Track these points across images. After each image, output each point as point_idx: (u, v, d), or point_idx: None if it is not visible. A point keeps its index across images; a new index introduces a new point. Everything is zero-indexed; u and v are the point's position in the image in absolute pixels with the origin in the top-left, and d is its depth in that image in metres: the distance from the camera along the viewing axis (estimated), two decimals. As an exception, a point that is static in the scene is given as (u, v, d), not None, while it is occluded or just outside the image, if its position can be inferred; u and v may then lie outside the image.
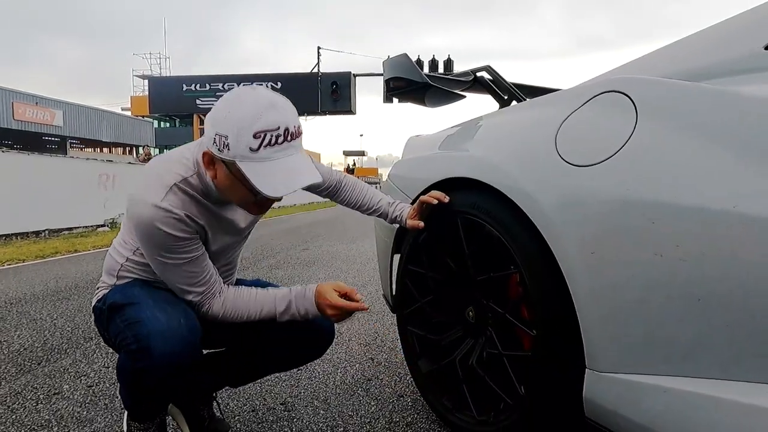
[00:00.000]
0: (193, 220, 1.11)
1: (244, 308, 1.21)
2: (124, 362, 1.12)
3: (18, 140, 23.14)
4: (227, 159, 1.00)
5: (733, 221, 0.76)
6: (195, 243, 1.13)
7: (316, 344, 1.37)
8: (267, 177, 0.99)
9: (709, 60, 1.03)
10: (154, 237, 1.08)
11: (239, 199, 1.11)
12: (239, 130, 0.97)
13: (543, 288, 1.10)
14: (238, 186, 1.05)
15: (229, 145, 0.98)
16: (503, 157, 1.25)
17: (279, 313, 1.21)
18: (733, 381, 0.77)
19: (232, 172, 1.03)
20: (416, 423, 1.55)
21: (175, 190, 1.09)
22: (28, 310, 3.11)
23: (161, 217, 1.06)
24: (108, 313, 1.18)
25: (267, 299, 1.22)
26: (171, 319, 1.09)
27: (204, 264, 1.16)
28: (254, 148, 0.97)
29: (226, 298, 1.20)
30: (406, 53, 1.83)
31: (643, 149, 0.91)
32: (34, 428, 1.55)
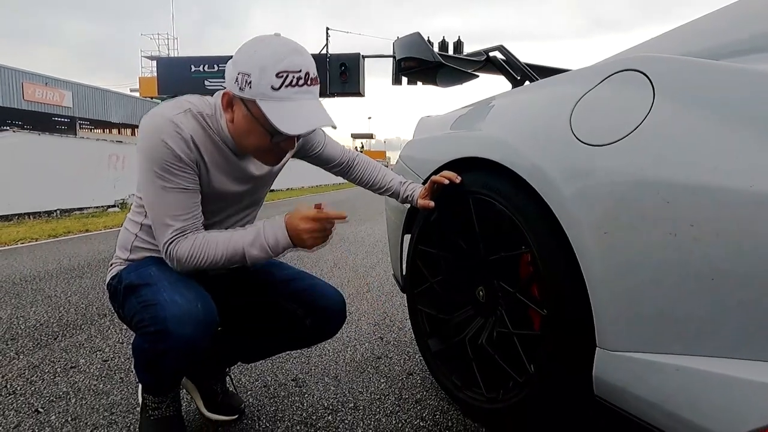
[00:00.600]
0: (197, 147, 1.12)
1: (213, 244, 1.12)
2: (141, 344, 1.13)
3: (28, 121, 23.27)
4: (248, 98, 1.04)
5: (749, 200, 0.75)
6: (190, 174, 1.12)
7: (328, 324, 1.38)
8: (286, 116, 1.03)
9: (727, 38, 1.01)
10: (155, 150, 1.07)
11: (254, 144, 1.12)
12: (262, 68, 1.01)
13: (554, 267, 1.10)
14: (255, 128, 1.08)
15: (251, 83, 1.02)
16: (516, 137, 1.24)
17: (247, 244, 1.13)
18: (745, 360, 0.78)
19: (251, 113, 1.06)
20: (425, 400, 1.57)
21: (190, 115, 1.12)
22: (43, 287, 3.16)
23: (168, 130, 1.07)
24: (124, 293, 1.19)
25: (235, 233, 1.16)
26: (188, 302, 1.09)
27: (193, 201, 1.14)
28: (276, 87, 1.01)
29: (196, 238, 1.13)
30: (418, 32, 1.81)
31: (659, 128, 0.90)
32: (53, 399, 1.59)
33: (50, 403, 1.57)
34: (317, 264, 3.87)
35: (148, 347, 1.11)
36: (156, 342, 1.09)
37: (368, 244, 4.95)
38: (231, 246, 1.13)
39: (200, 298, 1.12)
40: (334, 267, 3.80)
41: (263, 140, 1.10)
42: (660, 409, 0.88)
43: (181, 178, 1.10)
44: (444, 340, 1.53)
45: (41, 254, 4.47)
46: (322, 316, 1.33)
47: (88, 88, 25.85)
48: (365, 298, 2.86)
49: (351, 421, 1.44)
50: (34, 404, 1.56)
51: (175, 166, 1.09)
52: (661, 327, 0.88)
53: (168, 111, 1.10)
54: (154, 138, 1.07)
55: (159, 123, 1.08)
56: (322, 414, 1.49)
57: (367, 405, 1.54)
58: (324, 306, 1.32)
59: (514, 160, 1.19)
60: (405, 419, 1.45)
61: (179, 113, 1.11)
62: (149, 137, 1.08)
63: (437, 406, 1.53)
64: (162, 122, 1.08)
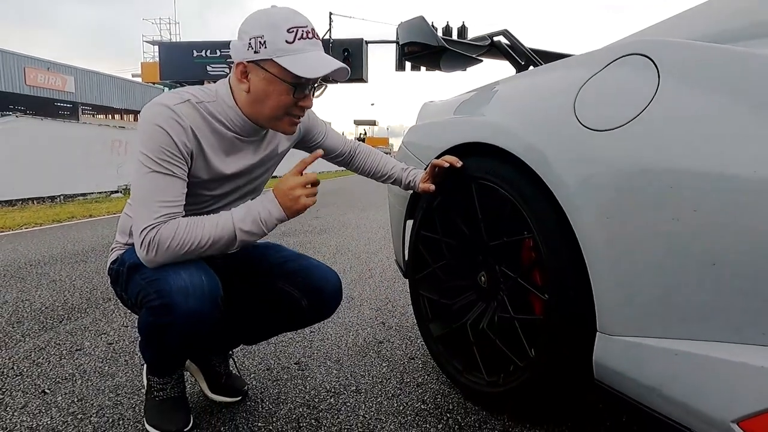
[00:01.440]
0: (195, 137, 1.13)
1: (199, 225, 1.10)
2: (147, 318, 1.14)
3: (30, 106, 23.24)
4: (264, 58, 1.09)
5: (753, 186, 0.75)
6: (182, 164, 1.12)
7: (324, 305, 1.36)
8: (305, 64, 1.09)
9: (733, 22, 1.00)
10: (154, 136, 1.08)
11: (274, 106, 1.14)
12: (274, 27, 1.08)
13: (557, 253, 1.11)
14: (275, 87, 1.12)
15: (266, 43, 1.08)
16: (519, 122, 1.23)
17: (237, 220, 1.11)
18: (745, 344, 0.78)
19: (270, 72, 1.10)
20: (427, 384, 1.59)
21: (190, 105, 1.14)
22: (48, 271, 3.19)
23: (168, 117, 1.09)
24: (127, 273, 1.20)
25: (222, 213, 1.14)
26: (193, 276, 1.10)
27: (181, 191, 1.13)
28: (290, 41, 1.08)
29: (180, 221, 1.10)
30: (422, 16, 1.79)
31: (664, 113, 0.90)
32: (59, 381, 1.61)
33: (56, 384, 1.59)
34: (320, 250, 3.89)
35: (153, 320, 1.13)
36: (162, 315, 1.10)
37: (370, 231, 4.96)
38: (219, 225, 1.11)
39: (204, 272, 1.13)
40: (336, 253, 3.81)
41: (284, 99, 1.13)
42: (659, 393, 0.89)
43: (173, 165, 1.10)
44: (445, 324, 1.54)
45: (45, 239, 4.50)
46: (318, 297, 1.34)
47: (90, 74, 25.77)
48: (367, 284, 2.88)
49: (353, 403, 1.46)
50: (40, 385, 1.58)
51: (170, 153, 1.09)
52: (662, 312, 0.88)
53: (169, 100, 1.12)
54: (153, 125, 1.08)
55: (159, 111, 1.10)
56: (325, 397, 1.50)
57: (369, 388, 1.56)
58: (320, 287, 1.33)
59: (517, 146, 1.19)
60: (406, 402, 1.47)
61: (180, 103, 1.12)
62: (148, 124, 1.09)
63: (438, 389, 1.55)
64: (162, 111, 1.10)
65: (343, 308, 2.40)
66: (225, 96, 1.17)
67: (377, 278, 3.02)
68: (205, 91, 1.19)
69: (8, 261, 3.52)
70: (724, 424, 0.79)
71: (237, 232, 1.11)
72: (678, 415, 0.87)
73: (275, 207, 1.13)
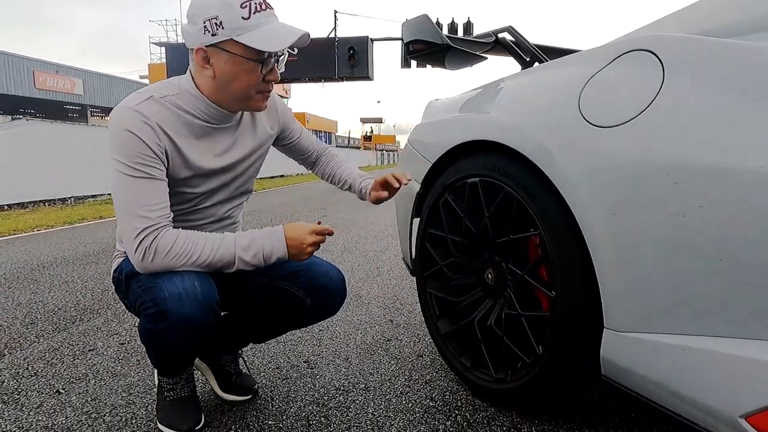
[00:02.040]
0: (165, 132, 1.12)
1: (201, 242, 1.12)
2: (144, 324, 1.16)
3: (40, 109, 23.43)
4: (224, 39, 1.07)
5: (759, 181, 0.75)
6: (158, 164, 1.12)
7: (328, 303, 1.37)
8: (267, 38, 1.07)
9: (738, 16, 0.99)
10: (124, 141, 1.08)
11: (243, 85, 1.13)
12: (226, 5, 1.05)
13: (563, 249, 1.11)
14: (242, 67, 1.10)
15: (222, 23, 1.06)
16: (524, 119, 1.24)
17: (240, 248, 1.13)
18: (751, 339, 0.78)
19: (233, 53, 1.09)
20: (435, 381, 1.60)
21: (153, 101, 1.13)
22: (60, 272, 3.23)
23: (134, 119, 1.09)
24: (126, 281, 1.22)
25: (226, 235, 1.16)
26: (186, 281, 1.11)
27: (163, 191, 1.13)
28: (246, 17, 1.06)
29: (181, 233, 1.12)
30: (426, 14, 1.79)
31: (669, 109, 0.89)
32: (73, 381, 1.64)
33: (70, 384, 1.62)
34: (327, 249, 3.90)
35: (150, 327, 1.14)
36: (157, 321, 1.11)
37: (377, 229, 4.97)
38: (222, 247, 1.13)
39: (198, 278, 1.13)
40: (344, 251, 3.82)
41: (253, 78, 1.12)
42: (666, 388, 0.89)
43: (151, 167, 1.10)
44: (453, 322, 1.54)
45: (57, 241, 4.55)
46: (322, 295, 1.34)
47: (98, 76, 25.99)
48: (375, 282, 2.89)
49: (362, 401, 1.47)
50: (54, 385, 1.61)
51: (144, 155, 1.09)
52: (669, 308, 0.88)
53: (132, 102, 1.12)
54: (122, 130, 1.09)
55: (123, 115, 1.10)
56: (334, 395, 1.52)
57: (378, 386, 1.57)
58: (323, 285, 1.33)
59: (521, 143, 1.19)
60: (415, 399, 1.48)
61: (143, 102, 1.12)
62: (117, 130, 1.09)
63: (446, 386, 1.56)
64: (128, 114, 1.10)
65: (352, 306, 2.41)
66: (188, 87, 1.16)
67: (385, 276, 3.03)
68: (167, 85, 1.18)
69: (21, 263, 3.57)
70: (731, 419, 0.79)
71: (237, 260, 1.14)
72: (686, 411, 0.88)
73: (282, 249, 1.16)
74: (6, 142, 6.93)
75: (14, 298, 2.64)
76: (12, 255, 3.89)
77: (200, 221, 1.28)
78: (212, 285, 1.16)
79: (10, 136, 7.05)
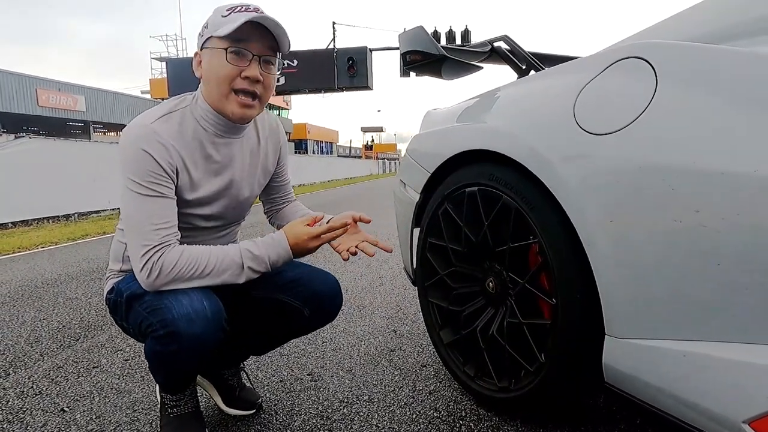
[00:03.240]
0: (177, 151, 1.15)
1: (205, 255, 1.13)
2: (153, 347, 1.15)
3: (43, 126, 23.66)
4: (206, 37, 1.14)
5: (754, 185, 0.75)
6: (168, 182, 1.14)
7: (325, 310, 1.37)
8: (230, 24, 1.10)
9: (730, 21, 1.00)
10: (136, 159, 1.10)
11: (219, 79, 1.14)
12: (215, 12, 1.15)
13: (562, 257, 1.11)
14: (215, 59, 1.14)
15: (207, 25, 1.15)
16: (521, 128, 1.24)
17: (247, 258, 1.15)
18: (752, 344, 0.78)
19: (209, 47, 1.15)
20: (439, 391, 1.59)
21: (167, 118, 1.16)
22: (64, 289, 3.24)
23: (148, 138, 1.11)
24: (126, 303, 1.20)
25: (231, 247, 1.17)
26: (194, 301, 1.10)
27: (171, 210, 1.14)
28: (225, 15, 1.12)
29: (186, 248, 1.13)
30: (421, 26, 1.81)
31: (662, 115, 0.90)
32: (77, 399, 1.64)
33: (75, 402, 1.62)
34: (330, 259, 3.90)
35: (160, 349, 1.13)
36: (168, 344, 1.11)
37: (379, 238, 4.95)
38: (228, 258, 1.14)
39: (204, 296, 1.13)
40: (346, 261, 3.82)
41: (226, 69, 1.13)
42: (668, 394, 0.89)
43: (161, 186, 1.12)
44: (455, 331, 1.54)
45: (61, 257, 4.57)
46: (319, 303, 1.34)
47: (100, 92, 26.16)
48: (378, 292, 2.89)
49: (366, 413, 1.47)
50: (59, 404, 1.61)
51: (156, 174, 1.11)
52: (668, 313, 0.88)
53: (147, 119, 1.14)
54: (135, 148, 1.10)
55: (139, 133, 1.11)
56: (338, 407, 1.51)
57: (382, 397, 1.57)
58: (318, 293, 1.33)
59: (518, 152, 1.20)
60: (419, 410, 1.47)
61: (157, 120, 1.14)
62: (130, 147, 1.10)
63: (451, 396, 1.55)
64: (142, 132, 1.11)
65: (355, 317, 2.41)
66: (198, 97, 1.22)
67: (388, 286, 3.03)
68: (183, 97, 1.24)
69: (26, 281, 3.58)
70: (735, 424, 0.78)
71: (245, 269, 1.16)
72: (689, 416, 0.87)
73: (287, 255, 1.20)
74: (9, 160, 6.98)
75: (19, 317, 2.65)
76: (16, 273, 3.91)
77: (199, 239, 1.29)
78: (219, 302, 1.16)
79: (14, 154, 7.10)
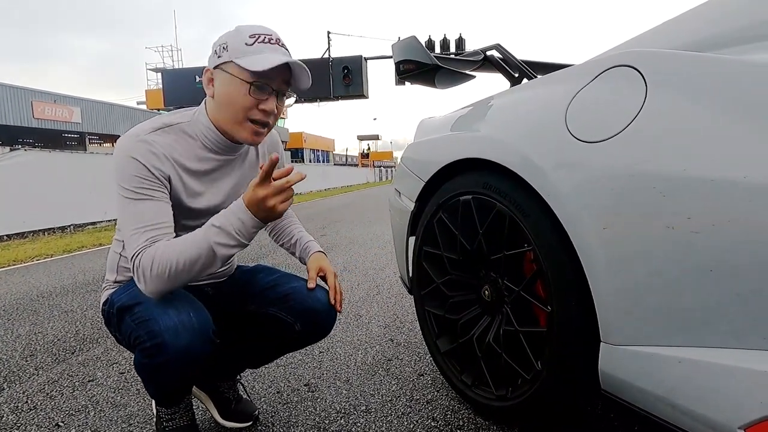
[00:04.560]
0: (170, 161, 1.14)
1: (177, 246, 1.07)
2: (140, 359, 1.14)
3: (39, 138, 23.63)
4: (226, 61, 1.13)
5: (744, 192, 0.76)
6: (159, 186, 1.12)
7: (317, 325, 1.34)
8: (258, 61, 1.10)
9: (718, 29, 1.01)
10: (126, 167, 1.09)
11: (236, 107, 1.14)
12: (236, 34, 1.13)
13: (556, 264, 1.11)
14: (234, 87, 1.13)
15: (227, 47, 1.13)
16: (514, 137, 1.25)
17: (212, 235, 1.06)
18: (746, 349, 0.78)
19: (228, 73, 1.13)
20: (437, 400, 1.58)
21: (162, 132, 1.16)
22: (59, 302, 3.22)
23: (139, 148, 1.10)
24: (117, 315, 1.20)
25: (196, 232, 1.09)
26: (181, 313, 1.10)
27: (162, 212, 1.12)
28: (249, 43, 1.12)
29: (159, 244, 1.07)
30: (414, 35, 1.82)
31: (653, 122, 0.91)
32: (72, 413, 1.63)
33: (70, 416, 1.61)
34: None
35: (147, 362, 1.13)
36: (154, 356, 1.10)
37: (377, 247, 4.97)
38: (196, 243, 1.06)
39: (192, 308, 1.12)
40: (343, 270, 3.82)
41: (243, 100, 1.13)
42: (665, 401, 0.89)
43: (151, 190, 1.11)
44: (452, 339, 1.54)
45: (56, 270, 4.55)
46: (311, 319, 1.32)
47: (95, 104, 26.13)
48: (375, 301, 2.88)
49: (363, 424, 1.46)
50: (54, 418, 1.60)
51: (145, 179, 1.10)
52: (663, 320, 0.89)
53: (141, 131, 1.14)
54: (127, 157, 1.10)
55: (131, 144, 1.11)
56: (335, 418, 1.50)
57: (379, 407, 1.56)
58: (310, 308, 1.31)
59: (511, 160, 1.20)
60: (417, 420, 1.47)
61: (151, 132, 1.14)
62: (122, 157, 1.10)
63: (448, 405, 1.55)
64: (134, 143, 1.11)
65: (352, 326, 2.40)
66: (201, 113, 1.21)
67: (384, 295, 3.03)
68: (183, 112, 1.23)
69: (21, 294, 3.56)
70: (731, 430, 0.78)
71: (215, 246, 1.06)
72: (686, 423, 0.87)
73: (247, 215, 1.06)
74: (4, 173, 6.96)
75: (14, 330, 2.63)
76: (11, 286, 3.88)
77: None
78: (207, 314, 1.15)
79: (9, 167, 7.08)
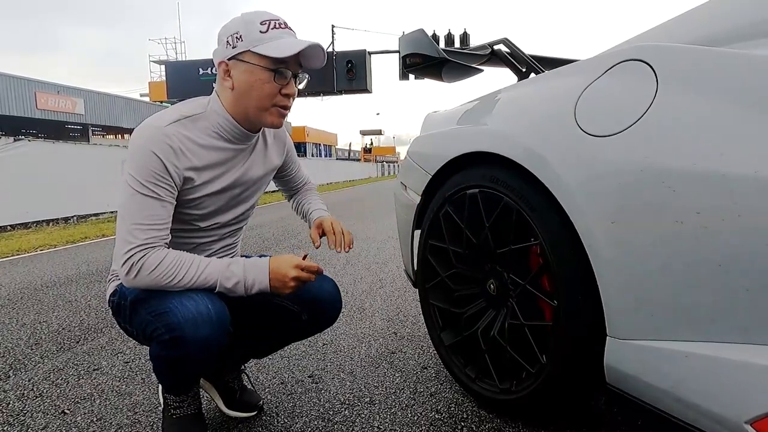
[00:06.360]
0: (186, 156, 1.14)
1: (186, 265, 1.11)
2: (159, 352, 1.14)
3: (42, 129, 23.63)
4: (242, 51, 1.13)
5: (754, 187, 0.76)
6: (171, 187, 1.13)
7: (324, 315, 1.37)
8: (280, 46, 1.12)
9: (730, 23, 1.00)
10: (144, 159, 1.10)
11: (259, 96, 1.16)
12: (247, 23, 1.13)
13: (563, 258, 1.11)
14: (257, 76, 1.14)
15: (242, 37, 1.13)
16: (522, 130, 1.25)
17: (223, 278, 1.14)
18: (753, 345, 0.78)
19: (249, 63, 1.14)
20: (440, 393, 1.59)
21: (179, 123, 1.16)
22: (63, 292, 3.23)
23: (159, 140, 1.11)
24: (131, 307, 1.19)
25: (212, 261, 1.16)
26: (199, 305, 1.10)
27: (167, 214, 1.14)
28: (263, 31, 1.13)
29: (169, 253, 1.12)
30: (422, 28, 1.82)
31: (663, 117, 0.91)
32: (78, 401, 1.64)
33: (75, 404, 1.62)
34: (330, 262, 3.91)
35: (166, 354, 1.13)
36: (173, 348, 1.10)
37: (379, 241, 4.97)
38: (205, 273, 1.13)
39: (208, 299, 1.13)
40: (346, 264, 3.82)
41: (267, 87, 1.15)
42: (670, 395, 0.89)
43: (160, 188, 1.11)
44: (457, 333, 1.54)
45: (60, 260, 4.56)
46: (317, 308, 1.34)
47: (99, 95, 26.14)
48: (378, 294, 2.89)
49: (367, 415, 1.47)
50: (60, 406, 1.61)
51: (159, 176, 1.10)
52: (670, 314, 0.89)
53: (160, 122, 1.14)
54: (144, 148, 1.10)
55: (150, 134, 1.11)
56: (339, 409, 1.51)
57: (383, 399, 1.57)
58: (317, 298, 1.33)
59: (519, 154, 1.20)
60: (420, 412, 1.47)
61: (170, 124, 1.14)
62: (140, 147, 1.10)
63: (452, 398, 1.55)
64: (155, 133, 1.11)
65: (355, 319, 2.41)
66: (214, 104, 1.21)
67: (388, 288, 3.03)
68: (197, 102, 1.23)
69: (25, 284, 3.57)
70: (737, 425, 0.79)
71: (219, 286, 1.14)
72: (691, 417, 0.87)
73: (264, 281, 1.16)
74: (8, 163, 6.97)
75: (18, 319, 2.65)
76: (15, 276, 3.90)
77: (200, 240, 1.30)
78: (224, 305, 1.15)
79: (13, 157, 7.09)
